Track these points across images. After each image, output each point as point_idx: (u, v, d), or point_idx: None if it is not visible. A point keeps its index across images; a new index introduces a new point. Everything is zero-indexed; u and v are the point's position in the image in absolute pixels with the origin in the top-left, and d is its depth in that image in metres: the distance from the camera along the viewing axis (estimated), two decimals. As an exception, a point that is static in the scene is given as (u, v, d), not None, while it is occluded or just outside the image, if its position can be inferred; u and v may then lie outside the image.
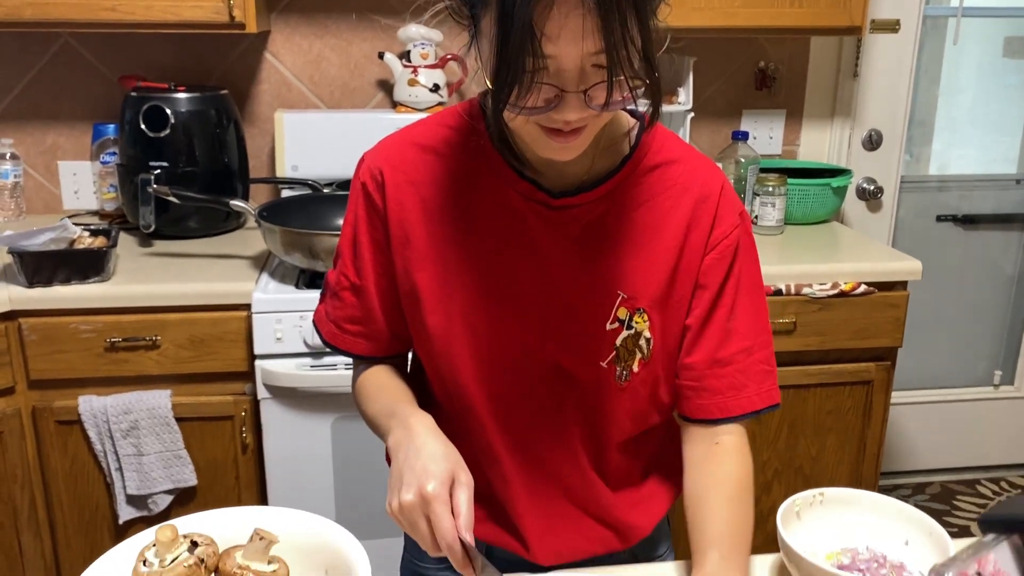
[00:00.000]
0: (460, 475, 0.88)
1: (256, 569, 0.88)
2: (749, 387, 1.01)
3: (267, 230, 1.90)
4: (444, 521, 0.84)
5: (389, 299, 1.04)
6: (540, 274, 0.97)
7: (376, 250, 1.03)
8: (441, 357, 1.02)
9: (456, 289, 0.99)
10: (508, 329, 0.99)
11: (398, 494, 0.87)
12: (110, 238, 1.94)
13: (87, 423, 1.89)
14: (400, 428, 0.95)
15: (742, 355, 1.00)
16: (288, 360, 1.88)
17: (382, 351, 1.09)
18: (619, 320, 0.98)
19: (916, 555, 1.00)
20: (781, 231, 2.32)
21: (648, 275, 0.98)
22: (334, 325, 1.09)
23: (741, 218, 1.00)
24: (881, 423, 2.21)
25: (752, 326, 1.01)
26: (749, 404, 1.01)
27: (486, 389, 1.01)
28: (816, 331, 2.09)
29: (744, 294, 1.01)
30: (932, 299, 2.88)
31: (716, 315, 1.00)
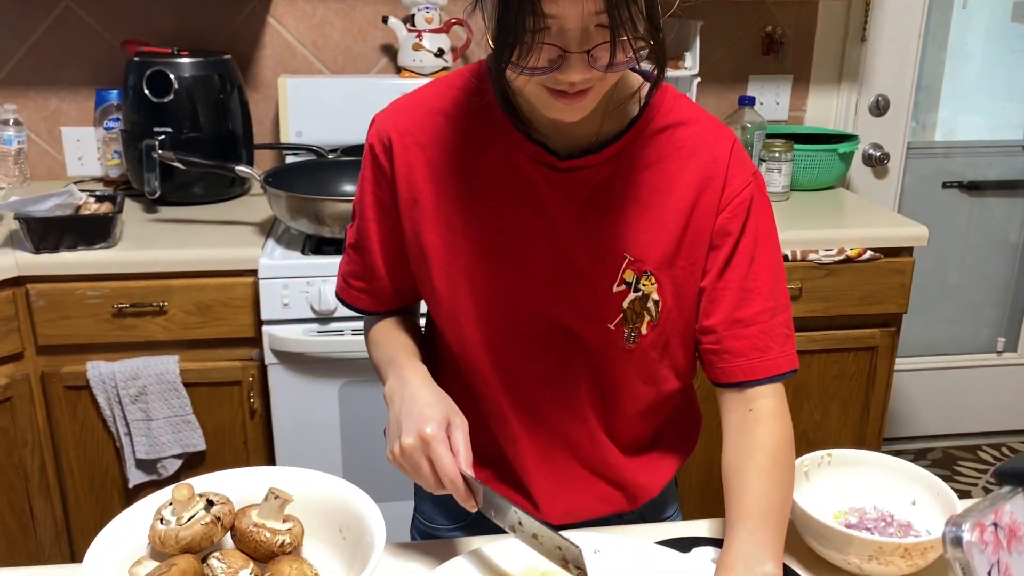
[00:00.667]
0: (455, 418, 0.92)
1: (271, 527, 0.89)
2: (773, 349, 0.99)
3: (272, 195, 1.89)
4: (445, 459, 0.88)
5: (393, 259, 1.05)
6: (547, 236, 0.98)
7: (381, 211, 1.04)
8: (449, 318, 1.03)
9: (463, 251, 0.99)
10: (515, 291, 0.99)
11: (399, 440, 0.90)
12: (116, 204, 1.94)
13: (96, 388, 1.90)
14: (394, 377, 0.99)
15: (765, 315, 0.98)
16: (295, 326, 1.88)
17: (386, 306, 1.11)
18: (626, 283, 0.98)
19: (923, 514, 1.01)
20: (787, 197, 2.32)
21: (655, 237, 0.97)
22: (342, 279, 1.12)
23: (754, 177, 0.99)
24: (885, 389, 2.22)
25: (773, 287, 0.99)
26: (774, 367, 0.99)
27: (493, 350, 1.02)
28: (821, 297, 2.09)
29: (762, 253, 0.99)
30: (936, 266, 2.88)
31: (732, 274, 0.98)
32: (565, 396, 1.03)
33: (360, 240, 1.07)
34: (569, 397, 1.03)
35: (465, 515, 1.15)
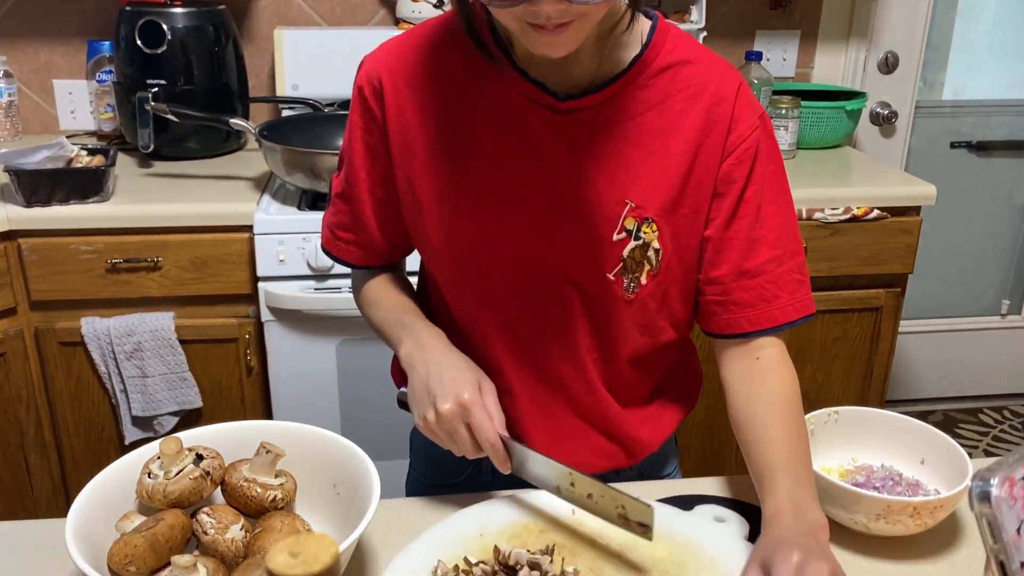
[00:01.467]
0: (483, 383, 0.92)
1: (262, 482, 0.87)
2: (781, 297, 0.96)
3: (268, 149, 1.85)
4: (485, 424, 0.89)
5: (384, 208, 1.02)
6: (545, 182, 0.94)
7: (371, 158, 1.00)
8: (445, 267, 1.00)
9: (459, 197, 0.96)
10: (512, 239, 0.96)
11: (433, 407, 0.90)
12: (108, 157, 1.90)
13: (90, 345, 1.88)
14: (412, 342, 0.97)
15: (772, 264, 0.96)
16: (291, 282, 1.86)
17: (376, 260, 1.08)
18: (626, 230, 0.94)
19: (932, 473, 0.99)
20: (793, 155, 2.27)
21: (657, 183, 0.93)
22: (329, 231, 1.08)
23: (761, 120, 0.95)
24: (888, 350, 2.20)
25: (780, 234, 0.96)
26: (782, 315, 0.97)
27: (490, 301, 0.99)
28: (826, 257, 2.06)
29: (769, 200, 0.95)
30: (942, 228, 2.85)
31: (739, 224, 0.95)
32: (563, 347, 1.00)
33: (348, 189, 1.03)
34: (567, 348, 1.00)
35: (460, 470, 1.13)
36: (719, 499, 0.99)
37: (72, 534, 0.76)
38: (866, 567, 0.91)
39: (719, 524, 0.91)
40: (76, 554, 0.73)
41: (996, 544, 0.56)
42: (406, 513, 0.98)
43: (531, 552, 0.82)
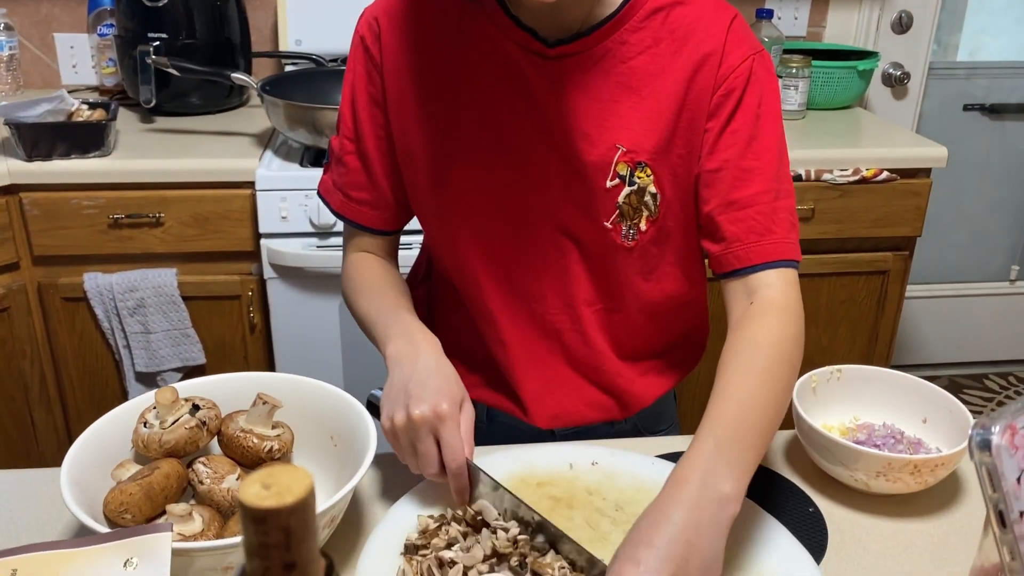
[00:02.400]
0: (466, 404, 0.86)
1: (259, 433, 0.87)
2: (775, 232, 0.89)
3: (270, 104, 1.83)
4: (456, 441, 0.82)
5: (390, 161, 1.00)
6: (538, 130, 0.92)
7: (375, 110, 0.98)
8: (438, 218, 0.99)
9: (451, 146, 0.94)
10: (505, 188, 0.94)
11: (405, 408, 0.82)
12: (109, 111, 1.88)
13: (93, 300, 1.88)
14: (403, 340, 0.91)
15: (765, 196, 0.89)
16: (294, 240, 1.84)
17: (387, 223, 1.05)
18: (619, 176, 0.92)
19: (934, 432, 0.98)
20: (803, 116, 2.24)
21: (650, 126, 0.90)
22: (341, 193, 1.04)
23: (756, 54, 0.90)
24: (895, 314, 2.18)
25: (777, 169, 0.90)
26: (776, 251, 0.89)
27: (484, 252, 0.98)
28: (834, 218, 2.03)
29: (764, 132, 0.89)
30: (952, 191, 2.81)
31: (728, 154, 0.89)
32: (560, 297, 0.99)
33: (359, 146, 1.00)
34: (564, 298, 0.99)
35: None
36: (718, 456, 0.99)
37: (67, 482, 0.76)
38: (866, 525, 0.90)
39: (718, 480, 0.91)
40: (71, 501, 0.73)
41: (995, 493, 0.56)
42: (403, 466, 0.98)
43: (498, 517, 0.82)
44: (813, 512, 0.92)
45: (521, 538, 0.79)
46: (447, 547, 0.79)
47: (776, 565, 0.79)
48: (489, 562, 0.77)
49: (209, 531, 0.77)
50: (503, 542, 0.78)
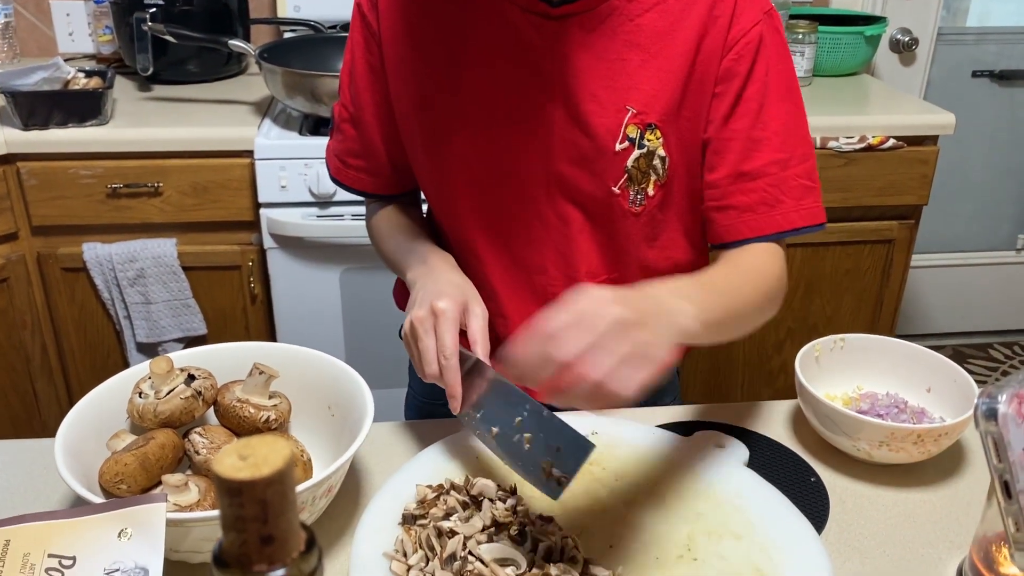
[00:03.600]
0: (474, 306, 0.87)
1: (256, 403, 0.86)
2: (785, 202, 0.90)
3: (268, 71, 1.81)
4: (447, 335, 0.82)
5: (389, 129, 0.99)
6: (541, 93, 0.90)
7: (374, 78, 0.97)
8: (438, 187, 0.97)
9: (452, 112, 0.92)
10: (507, 153, 0.93)
11: (410, 314, 0.86)
12: (106, 80, 1.86)
13: (93, 271, 1.87)
14: (420, 264, 0.94)
15: (774, 167, 0.89)
16: (294, 209, 1.83)
17: (387, 188, 1.05)
18: (629, 139, 0.90)
19: (938, 402, 0.97)
20: (809, 82, 2.21)
21: (660, 87, 0.89)
22: (338, 160, 1.05)
23: (767, 16, 0.89)
24: (900, 284, 2.17)
25: (787, 136, 0.90)
26: (785, 221, 0.90)
27: (484, 220, 0.96)
28: (840, 187, 2.01)
29: (774, 100, 0.89)
30: (959, 160, 2.78)
31: (738, 124, 0.89)
32: (561, 269, 0.98)
33: (356, 113, 1.00)
34: (566, 269, 0.98)
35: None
36: (719, 425, 0.98)
37: (62, 452, 0.75)
38: (868, 495, 0.89)
39: (718, 450, 0.90)
40: (65, 471, 0.73)
41: (1001, 463, 0.55)
42: (403, 436, 0.98)
43: (500, 489, 0.81)
44: (815, 482, 0.91)
45: (521, 508, 0.79)
46: (445, 517, 0.78)
47: (777, 535, 0.79)
48: (488, 531, 0.77)
49: (205, 501, 0.77)
50: (502, 511, 0.78)
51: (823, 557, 0.76)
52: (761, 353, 2.18)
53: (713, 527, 0.80)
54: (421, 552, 0.75)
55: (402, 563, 0.75)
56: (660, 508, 0.82)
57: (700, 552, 0.77)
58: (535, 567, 0.73)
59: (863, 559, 0.82)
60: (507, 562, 0.74)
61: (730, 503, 0.83)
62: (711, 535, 0.79)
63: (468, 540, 0.75)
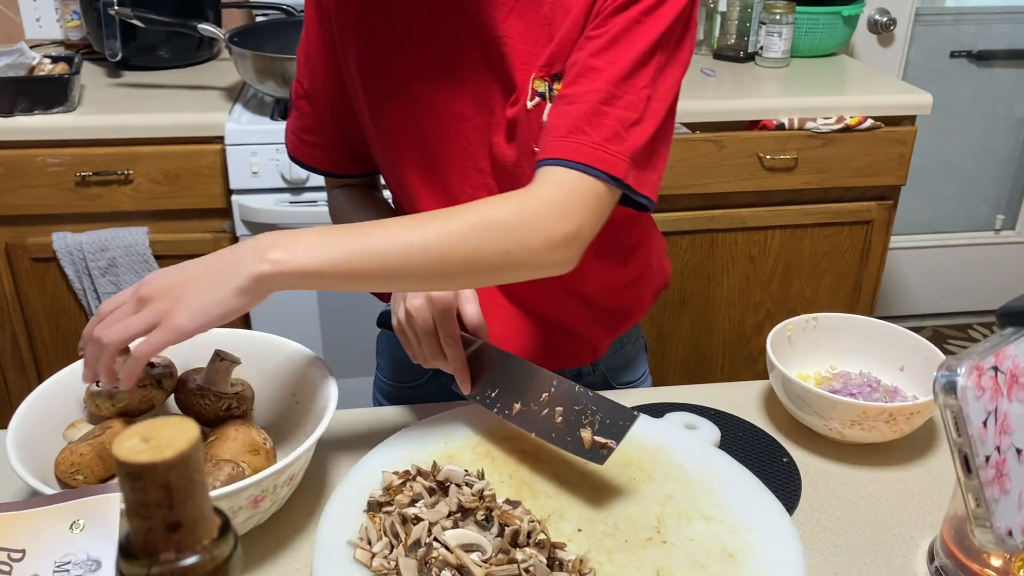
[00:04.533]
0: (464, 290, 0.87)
1: (217, 391, 0.84)
2: (590, 135, 0.78)
3: (238, 56, 1.78)
4: (447, 323, 0.84)
5: (342, 104, 0.98)
6: (484, 64, 0.88)
7: (327, 53, 0.96)
8: (384, 154, 0.96)
9: (388, 73, 0.91)
10: (458, 126, 0.91)
11: (403, 303, 0.85)
12: (72, 65, 1.83)
13: (63, 260, 1.84)
14: None
15: (593, 96, 0.79)
16: (266, 195, 1.80)
17: (342, 166, 1.04)
18: (539, 94, 0.86)
19: (911, 380, 0.96)
20: (787, 63, 2.20)
21: (566, 34, 0.84)
22: (295, 136, 1.04)
23: None
24: (879, 265, 2.16)
25: (629, 79, 0.79)
26: (578, 152, 0.78)
27: (433, 191, 0.95)
28: (818, 168, 2.00)
29: (633, 40, 0.79)
30: (938, 141, 2.78)
31: (585, 49, 0.81)
32: None
33: (311, 88, 0.99)
34: None
35: (424, 371, 1.10)
36: (691, 407, 0.97)
37: (14, 443, 0.73)
38: (840, 474, 0.89)
39: (690, 431, 0.89)
40: (16, 462, 0.71)
41: (960, 438, 0.54)
42: (369, 422, 0.96)
43: (467, 473, 0.80)
44: (787, 462, 0.90)
45: (488, 493, 0.77)
46: (411, 503, 0.77)
47: (747, 516, 0.78)
48: (454, 517, 0.75)
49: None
50: (469, 497, 0.76)
51: (794, 538, 0.75)
52: (740, 335, 2.17)
53: (683, 509, 0.79)
54: (386, 539, 0.74)
55: (366, 551, 0.73)
56: (630, 490, 0.81)
57: (670, 534, 0.76)
58: (501, 552, 0.72)
59: (835, 539, 0.81)
60: (473, 548, 0.72)
61: (701, 485, 0.82)
62: (681, 517, 0.78)
63: (433, 526, 0.74)
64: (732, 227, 2.03)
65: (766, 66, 2.19)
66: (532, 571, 0.70)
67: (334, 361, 0.90)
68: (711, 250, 2.06)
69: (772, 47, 2.16)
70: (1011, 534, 0.55)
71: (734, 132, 1.94)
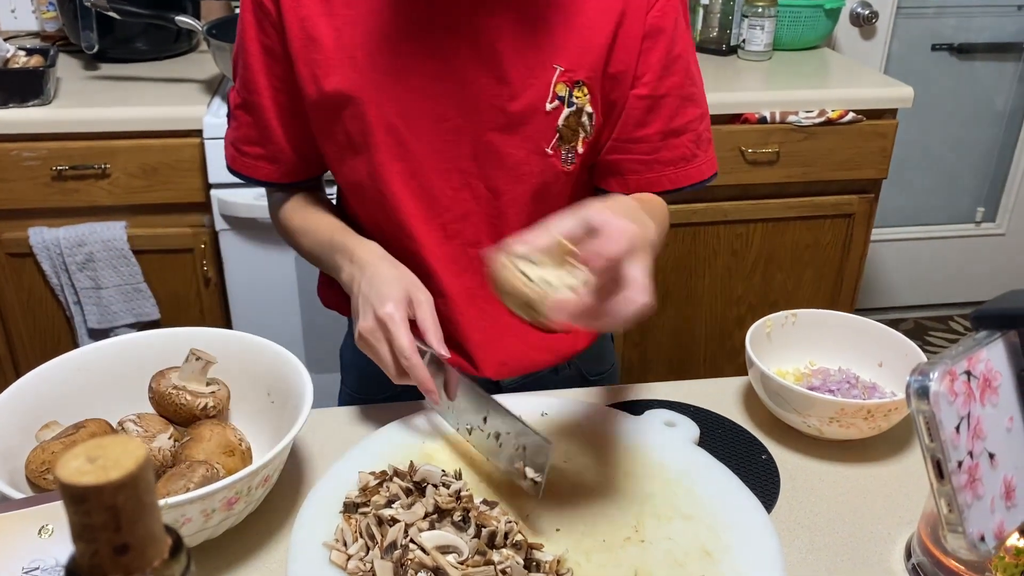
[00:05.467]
0: (417, 294, 0.85)
1: (192, 390, 0.83)
2: (699, 156, 0.97)
3: (217, 48, 1.76)
4: (401, 339, 0.82)
5: (291, 116, 0.94)
6: (468, 58, 0.87)
7: (269, 59, 0.91)
8: (365, 167, 0.92)
9: (377, 90, 0.88)
10: (442, 127, 0.89)
11: (356, 325, 0.84)
12: (48, 58, 1.80)
13: (40, 255, 1.82)
14: (347, 263, 0.91)
15: (696, 123, 0.95)
16: (245, 190, 1.78)
17: (289, 175, 1.00)
18: (559, 97, 0.89)
19: (890, 376, 0.96)
20: (769, 56, 2.20)
21: (585, 44, 0.89)
22: (234, 148, 0.99)
23: None
24: (860, 258, 2.17)
25: (703, 92, 0.96)
26: (698, 173, 0.97)
27: (419, 195, 0.93)
28: (800, 161, 2.00)
29: (692, 55, 0.94)
30: (918, 134, 2.79)
31: (672, 81, 0.92)
32: (496, 238, 0.96)
33: (249, 97, 0.94)
34: (500, 238, 0.96)
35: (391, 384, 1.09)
36: (670, 404, 0.97)
37: (-18, 445, 0.72)
38: (819, 471, 0.89)
39: (668, 428, 0.89)
40: (-16, 466, 0.70)
41: (933, 443, 0.53)
42: (346, 422, 0.95)
43: (444, 473, 0.79)
44: (766, 459, 0.90)
45: (465, 493, 0.77)
46: (388, 504, 0.76)
47: (725, 515, 0.77)
48: (430, 518, 0.75)
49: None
50: (445, 498, 0.76)
51: (772, 536, 0.75)
52: (722, 330, 2.17)
53: (662, 508, 0.79)
54: (361, 541, 0.73)
55: (342, 552, 0.73)
56: (608, 490, 0.81)
57: (648, 534, 0.76)
58: (478, 553, 0.71)
59: (812, 536, 0.81)
60: (449, 549, 0.72)
61: (679, 483, 0.81)
62: (660, 517, 0.78)
63: (409, 528, 0.73)
64: (714, 220, 2.03)
65: (748, 59, 2.19)
66: (509, 572, 0.69)
67: (315, 358, 0.89)
68: (693, 244, 2.06)
69: (754, 40, 2.16)
70: (983, 539, 0.54)
71: (716, 125, 1.91)
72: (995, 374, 0.56)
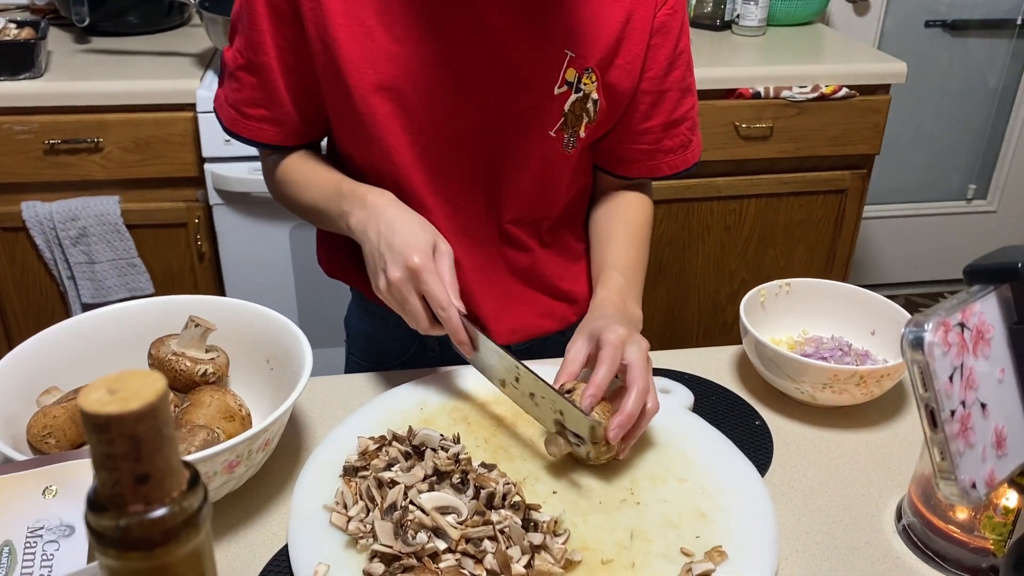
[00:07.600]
0: (439, 244, 0.85)
1: (192, 356, 0.84)
2: (693, 141, 1.03)
3: (209, 21, 1.75)
4: (436, 289, 0.81)
5: (296, 77, 0.92)
6: (479, 38, 0.87)
7: (276, 19, 0.89)
8: (372, 137, 0.91)
9: (384, 56, 0.88)
10: (446, 100, 0.90)
11: (384, 273, 0.83)
12: (38, 30, 1.79)
13: (33, 230, 1.81)
14: (359, 208, 0.88)
15: (693, 111, 1.01)
16: (239, 164, 1.78)
17: (292, 138, 0.98)
18: (567, 83, 0.91)
19: (882, 344, 0.97)
20: (763, 32, 2.20)
21: (596, 31, 0.91)
22: (234, 110, 0.96)
23: None
24: (852, 233, 2.18)
25: (694, 75, 1.01)
26: (692, 157, 1.04)
27: (429, 170, 0.93)
28: (793, 137, 2.01)
29: (690, 47, 0.99)
30: (911, 111, 2.79)
31: (676, 75, 0.97)
32: (489, 209, 0.98)
33: (254, 58, 0.92)
34: (493, 210, 0.98)
35: (403, 351, 1.10)
36: (665, 371, 0.98)
37: (-16, 409, 0.72)
38: (812, 437, 0.90)
39: (664, 395, 0.89)
40: (-13, 429, 0.70)
41: (927, 392, 0.54)
42: (346, 389, 0.96)
43: (443, 437, 0.80)
44: (759, 425, 0.91)
45: (463, 456, 0.78)
46: (387, 468, 0.77)
47: (720, 478, 0.79)
48: (430, 480, 0.75)
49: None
50: (444, 460, 0.77)
51: (765, 499, 0.76)
52: (715, 304, 2.19)
53: (657, 471, 0.80)
54: (361, 503, 0.74)
55: (342, 514, 0.73)
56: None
57: (643, 496, 0.77)
58: (477, 514, 0.72)
59: (805, 499, 0.82)
60: (448, 510, 0.73)
61: (674, 447, 0.83)
62: (655, 479, 0.79)
63: (409, 490, 0.74)
64: (708, 196, 2.04)
65: (742, 35, 2.19)
66: (507, 532, 0.70)
67: (311, 332, 0.88)
68: (687, 219, 2.06)
69: (748, 15, 2.16)
70: (975, 487, 0.56)
71: (710, 101, 1.94)
72: (988, 327, 0.57)
